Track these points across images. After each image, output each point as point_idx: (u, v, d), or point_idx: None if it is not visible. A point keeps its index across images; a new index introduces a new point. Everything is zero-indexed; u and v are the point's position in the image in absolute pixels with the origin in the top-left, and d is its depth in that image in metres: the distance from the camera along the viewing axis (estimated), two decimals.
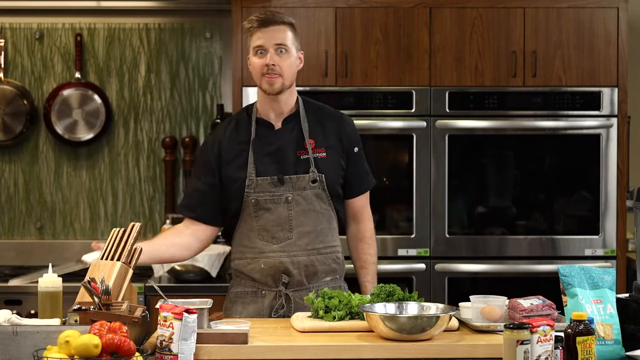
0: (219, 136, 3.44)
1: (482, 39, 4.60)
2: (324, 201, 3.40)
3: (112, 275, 2.92)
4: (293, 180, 3.36)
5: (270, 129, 3.41)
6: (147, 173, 5.32)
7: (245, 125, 3.42)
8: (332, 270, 3.44)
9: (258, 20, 3.35)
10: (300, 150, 3.39)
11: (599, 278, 2.86)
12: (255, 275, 3.38)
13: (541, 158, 4.65)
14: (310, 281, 3.38)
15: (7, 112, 5.23)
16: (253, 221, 3.37)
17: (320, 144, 3.41)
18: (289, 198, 3.35)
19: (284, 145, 3.39)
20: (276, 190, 3.35)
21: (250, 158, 3.36)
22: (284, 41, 3.33)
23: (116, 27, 5.29)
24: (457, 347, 2.84)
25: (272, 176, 3.35)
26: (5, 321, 2.73)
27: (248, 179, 3.35)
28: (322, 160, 3.39)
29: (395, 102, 4.60)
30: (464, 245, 4.62)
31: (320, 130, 3.42)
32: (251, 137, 3.39)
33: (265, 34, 3.32)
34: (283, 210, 3.35)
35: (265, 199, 3.35)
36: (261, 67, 3.33)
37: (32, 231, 5.32)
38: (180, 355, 2.61)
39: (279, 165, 3.37)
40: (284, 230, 3.36)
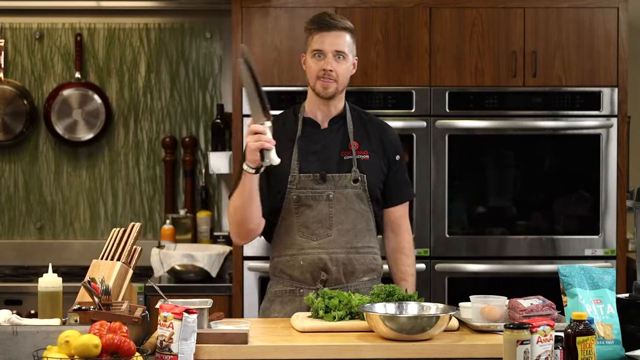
0: None
1: (482, 39, 4.60)
2: (364, 202, 3.42)
3: (112, 275, 2.92)
4: (335, 178, 3.40)
5: (317, 128, 3.46)
6: (147, 173, 5.32)
7: (292, 123, 3.47)
8: (370, 270, 3.45)
9: (320, 23, 3.39)
10: (344, 151, 3.44)
11: (599, 278, 2.87)
12: (294, 273, 3.39)
13: (541, 158, 4.65)
14: (348, 280, 3.39)
15: (7, 112, 5.23)
16: (293, 217, 3.40)
17: (364, 146, 3.45)
18: (330, 195, 3.38)
19: (329, 144, 3.44)
20: (318, 187, 3.39)
21: (295, 155, 3.40)
22: (343, 48, 3.37)
23: (116, 27, 5.29)
24: (457, 347, 2.84)
25: (314, 173, 3.39)
26: (5, 321, 2.73)
27: (291, 175, 3.38)
28: (364, 162, 3.43)
29: (395, 102, 4.60)
30: (464, 245, 4.62)
31: (365, 134, 3.47)
32: (297, 134, 3.43)
33: (326, 39, 3.37)
34: (324, 208, 3.39)
35: (307, 196, 3.39)
36: (318, 71, 3.38)
37: (32, 231, 5.32)
38: (180, 355, 2.61)
39: (323, 163, 3.41)
40: (324, 227, 3.38)
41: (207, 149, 5.25)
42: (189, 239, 5.16)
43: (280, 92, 4.57)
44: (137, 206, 5.32)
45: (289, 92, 4.56)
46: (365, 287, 3.40)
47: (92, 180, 5.31)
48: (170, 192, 5.28)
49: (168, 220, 5.18)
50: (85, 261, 3.48)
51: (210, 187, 5.31)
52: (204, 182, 5.28)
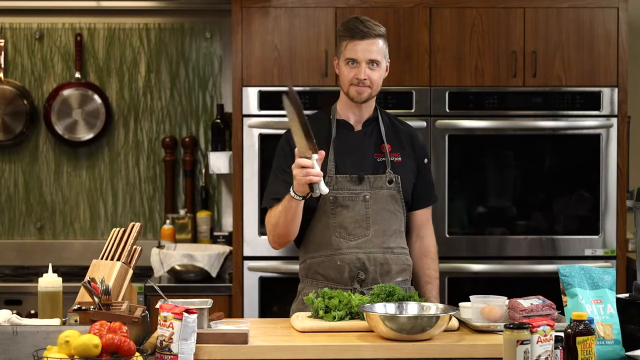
0: None
1: (482, 39, 4.60)
2: (398, 203, 3.45)
3: (112, 275, 2.92)
4: (371, 179, 3.42)
5: (350, 130, 3.49)
6: (147, 173, 5.32)
7: (325, 125, 3.49)
8: (403, 270, 3.47)
9: (353, 31, 3.39)
10: (377, 153, 3.47)
11: (599, 278, 2.87)
12: (331, 273, 3.39)
13: (541, 158, 4.65)
14: (383, 279, 3.40)
15: (7, 112, 5.23)
16: (329, 218, 3.40)
17: (396, 149, 3.49)
18: (366, 196, 3.41)
19: (363, 146, 3.47)
20: (355, 188, 3.41)
21: (331, 156, 3.42)
22: (376, 56, 3.39)
23: (116, 27, 5.29)
24: (457, 347, 2.84)
25: (351, 174, 3.41)
26: (5, 321, 2.73)
27: (327, 176, 3.39)
28: (397, 164, 3.47)
29: (395, 102, 4.60)
30: (464, 245, 4.62)
31: (396, 137, 3.51)
32: (332, 136, 3.45)
33: (359, 47, 3.38)
34: (361, 208, 3.40)
35: (344, 196, 3.40)
36: (352, 78, 3.41)
37: (32, 231, 5.32)
38: (180, 355, 2.61)
39: (358, 164, 3.44)
40: (361, 227, 3.40)
41: (207, 149, 5.25)
42: (189, 239, 5.17)
43: (280, 92, 4.52)
44: (137, 206, 5.32)
45: None
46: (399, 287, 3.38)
47: (92, 180, 5.31)
48: (170, 192, 5.28)
49: (168, 220, 5.18)
50: (85, 261, 3.48)
51: (210, 187, 5.31)
52: (204, 182, 5.29)
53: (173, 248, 4.94)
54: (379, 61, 3.40)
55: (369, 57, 3.38)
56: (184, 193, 5.29)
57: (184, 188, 5.29)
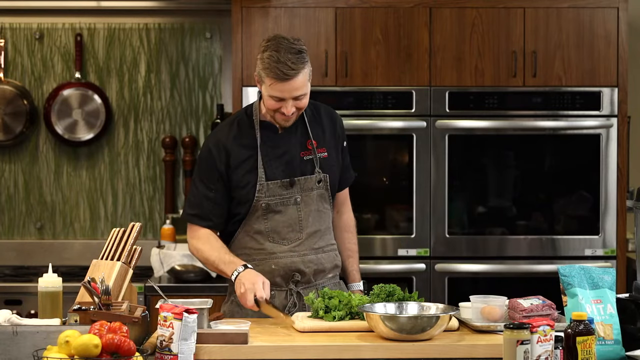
0: (222, 141, 3.38)
1: (482, 39, 4.60)
2: (326, 200, 3.43)
3: (112, 275, 2.92)
4: (301, 181, 3.38)
5: (274, 131, 3.40)
6: (147, 173, 5.32)
7: (248, 128, 3.39)
8: (335, 266, 3.48)
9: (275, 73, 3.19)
10: (303, 151, 3.41)
11: (599, 278, 2.86)
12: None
13: (541, 158, 4.65)
14: (317, 278, 3.41)
15: (7, 112, 5.23)
16: (261, 224, 3.37)
17: (321, 144, 3.43)
18: (297, 199, 3.37)
19: (289, 147, 3.40)
20: (286, 192, 3.37)
21: (259, 162, 3.36)
22: (302, 91, 3.25)
23: (116, 27, 5.29)
24: (457, 347, 2.84)
25: (282, 179, 3.36)
26: (5, 321, 2.73)
27: (259, 184, 3.34)
28: (324, 160, 3.42)
29: (395, 102, 4.60)
30: (464, 245, 4.62)
31: (320, 130, 3.44)
32: (258, 141, 3.37)
33: (284, 87, 3.22)
34: (293, 212, 3.37)
35: (276, 202, 3.36)
36: (276, 108, 3.28)
37: (32, 231, 5.32)
38: (180, 355, 2.61)
39: (286, 167, 3.38)
40: (295, 231, 3.38)
41: None
42: None
43: None
44: (137, 206, 5.32)
45: None
46: (330, 284, 3.43)
47: (92, 180, 5.31)
48: (170, 192, 5.28)
49: (168, 220, 5.18)
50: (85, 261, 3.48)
51: None
52: None
53: (173, 248, 4.94)
54: (305, 92, 3.26)
55: (294, 95, 3.24)
56: (184, 193, 5.28)
57: (184, 188, 5.29)
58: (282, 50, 3.21)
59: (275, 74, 3.19)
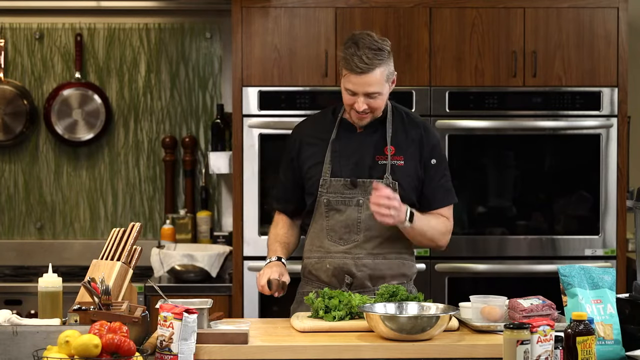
0: (301, 132, 3.49)
1: (482, 39, 4.60)
2: None
3: (112, 275, 2.92)
4: (366, 184, 3.36)
5: (352, 131, 3.41)
6: (147, 173, 5.32)
7: (329, 124, 3.44)
8: (400, 274, 3.43)
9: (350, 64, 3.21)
10: (379, 155, 3.39)
11: (599, 278, 2.87)
12: (321, 275, 3.40)
13: (541, 158, 4.65)
14: (375, 284, 3.37)
15: (7, 112, 5.23)
16: (324, 221, 3.40)
17: (400, 151, 3.38)
18: (360, 201, 3.36)
19: (364, 148, 3.39)
20: (349, 192, 3.37)
21: (327, 158, 3.38)
22: (374, 89, 3.25)
23: (116, 27, 5.29)
24: (457, 347, 2.84)
25: (345, 178, 3.37)
26: (5, 321, 2.73)
27: (322, 179, 3.37)
28: (399, 168, 3.37)
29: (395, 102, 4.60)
30: (464, 245, 4.62)
31: (403, 138, 3.40)
32: (332, 137, 3.40)
33: (357, 81, 3.23)
34: (353, 213, 3.37)
35: (337, 200, 3.37)
36: (351, 104, 3.30)
37: (32, 231, 5.32)
38: (180, 355, 2.61)
39: (355, 168, 3.38)
40: (352, 232, 3.37)
41: (207, 149, 5.25)
42: (189, 239, 5.17)
43: (280, 92, 4.57)
44: (137, 206, 5.32)
45: (289, 92, 4.56)
46: None
47: (92, 180, 5.31)
48: (170, 192, 5.28)
49: (168, 220, 5.18)
50: (85, 261, 3.48)
51: (210, 187, 5.31)
52: (204, 182, 5.29)
53: (173, 248, 4.94)
54: (379, 91, 3.27)
55: (367, 91, 3.25)
56: (184, 193, 5.29)
57: (184, 188, 5.29)
58: (361, 45, 3.24)
59: (350, 66, 3.23)
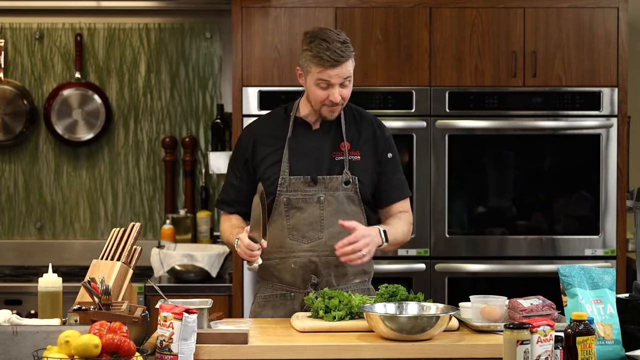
0: (254, 132, 3.46)
1: (482, 39, 4.60)
2: (355, 203, 3.39)
3: (112, 275, 2.92)
4: (326, 180, 3.36)
5: (308, 128, 3.42)
6: (147, 173, 5.32)
7: (282, 123, 3.43)
8: (362, 272, 3.43)
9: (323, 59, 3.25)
10: (335, 151, 3.40)
11: (599, 278, 2.87)
12: (285, 276, 3.38)
13: (541, 158, 4.65)
14: (339, 282, 3.37)
15: (7, 112, 5.23)
16: (284, 220, 3.38)
17: (355, 147, 3.41)
18: (321, 198, 3.36)
19: (320, 145, 3.40)
20: (309, 189, 3.36)
21: (285, 156, 3.37)
22: (350, 74, 3.30)
23: (116, 27, 5.29)
24: (457, 347, 2.84)
25: (305, 175, 3.36)
26: (5, 321, 2.73)
27: (281, 177, 3.36)
28: (356, 163, 3.39)
29: (395, 102, 4.60)
30: (464, 245, 4.62)
31: (357, 134, 3.43)
32: (288, 135, 3.39)
33: (334, 72, 3.27)
34: (315, 210, 3.36)
35: (298, 198, 3.36)
36: (324, 100, 3.31)
37: (32, 231, 5.32)
38: (180, 355, 2.61)
39: (313, 165, 3.38)
40: (315, 230, 3.36)
41: (207, 149, 5.25)
42: (189, 239, 5.17)
43: (280, 92, 4.57)
44: (137, 206, 5.32)
45: (289, 92, 4.56)
46: (356, 289, 3.39)
47: (92, 180, 5.31)
48: (170, 192, 5.28)
49: (168, 220, 5.18)
50: (85, 261, 3.48)
51: (210, 187, 5.31)
52: (204, 182, 5.29)
53: (173, 248, 4.94)
54: (351, 77, 3.31)
55: (343, 77, 3.27)
56: (184, 193, 5.29)
57: (184, 188, 5.29)
58: (330, 40, 3.28)
59: (323, 61, 3.25)
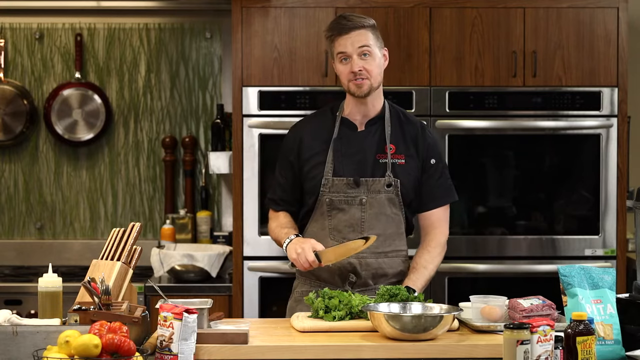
0: (300, 132, 3.48)
1: (482, 39, 4.60)
2: (396, 206, 3.40)
3: (112, 275, 2.92)
4: (369, 182, 3.38)
5: (353, 130, 3.44)
6: (147, 173, 5.32)
7: (328, 124, 3.45)
8: (400, 272, 3.45)
9: (338, 27, 3.35)
10: (380, 153, 3.41)
11: (599, 278, 2.87)
12: (323, 274, 3.40)
13: (541, 158, 4.65)
14: (377, 282, 3.39)
15: (7, 112, 5.23)
16: (325, 220, 3.40)
17: (400, 150, 3.42)
18: (363, 200, 3.37)
19: (365, 147, 3.41)
20: (351, 191, 3.38)
21: (329, 157, 3.39)
22: (366, 43, 3.33)
23: (116, 27, 5.29)
24: (457, 347, 2.84)
25: (348, 177, 3.38)
26: (5, 321, 2.73)
27: (324, 178, 3.38)
28: (399, 167, 3.41)
29: (395, 102, 4.54)
30: (464, 245, 4.62)
31: (401, 137, 3.44)
32: (333, 136, 3.41)
33: (347, 40, 3.33)
34: (356, 212, 3.38)
35: (340, 200, 3.38)
36: (348, 74, 3.35)
37: (32, 231, 5.32)
38: (180, 355, 2.61)
39: (357, 167, 3.39)
40: (355, 231, 3.38)
41: (207, 149, 5.25)
42: (189, 239, 5.17)
43: (280, 92, 4.57)
44: (137, 206, 5.32)
45: (289, 92, 4.56)
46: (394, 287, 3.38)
47: (92, 180, 5.31)
48: (170, 192, 5.28)
49: (168, 220, 5.18)
50: (85, 261, 3.49)
51: (210, 187, 5.31)
52: (204, 182, 5.29)
53: (173, 248, 4.94)
54: (371, 50, 3.34)
55: (357, 46, 3.32)
56: (184, 193, 5.29)
57: (184, 188, 5.29)
58: (346, 15, 3.40)
59: (337, 30, 3.34)
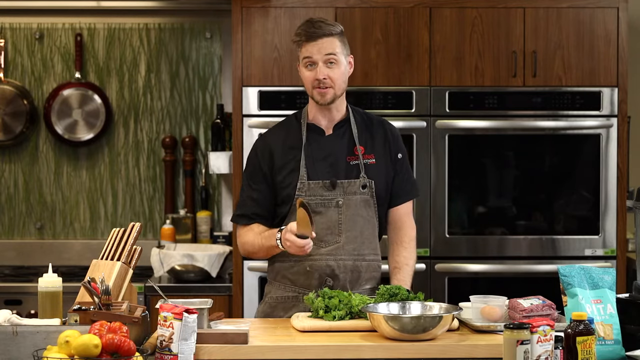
0: (269, 143, 3.46)
1: (482, 39, 4.60)
2: (370, 207, 3.41)
3: (112, 275, 2.92)
4: (344, 184, 3.38)
5: (321, 134, 3.44)
6: (147, 173, 5.32)
7: (296, 131, 3.45)
8: (373, 277, 3.44)
9: (306, 34, 3.34)
10: (350, 156, 3.42)
11: (599, 278, 2.87)
12: (299, 278, 3.38)
13: (541, 158, 4.65)
14: (352, 287, 3.38)
15: (7, 112, 5.23)
16: None
17: (369, 150, 3.43)
18: (339, 202, 3.37)
19: (335, 150, 3.42)
20: (328, 194, 3.37)
21: (302, 162, 3.39)
22: (333, 51, 3.34)
23: (116, 27, 5.29)
24: (457, 347, 2.84)
25: (324, 180, 3.37)
26: (5, 321, 2.73)
27: (300, 182, 3.37)
28: (371, 167, 3.41)
29: (395, 102, 4.60)
30: (464, 245, 4.62)
31: (369, 137, 3.45)
32: (303, 142, 3.41)
33: (314, 47, 3.33)
34: (333, 214, 3.37)
35: (317, 203, 3.37)
36: (312, 80, 3.35)
37: (32, 231, 5.32)
38: (180, 355, 2.61)
39: (330, 170, 3.39)
40: (333, 234, 3.37)
41: (207, 149, 5.25)
42: (189, 239, 5.17)
43: (280, 92, 4.57)
44: (137, 206, 5.32)
45: (289, 92, 4.56)
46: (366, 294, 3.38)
47: (92, 180, 5.31)
48: (170, 192, 5.28)
49: (168, 220, 5.18)
50: (85, 261, 3.49)
51: (210, 187, 5.31)
52: (204, 182, 5.29)
53: (173, 248, 4.94)
54: (337, 58, 3.34)
55: (324, 53, 3.32)
56: (184, 193, 5.29)
57: (184, 188, 5.29)
58: (313, 21, 3.38)
59: (304, 34, 3.34)
